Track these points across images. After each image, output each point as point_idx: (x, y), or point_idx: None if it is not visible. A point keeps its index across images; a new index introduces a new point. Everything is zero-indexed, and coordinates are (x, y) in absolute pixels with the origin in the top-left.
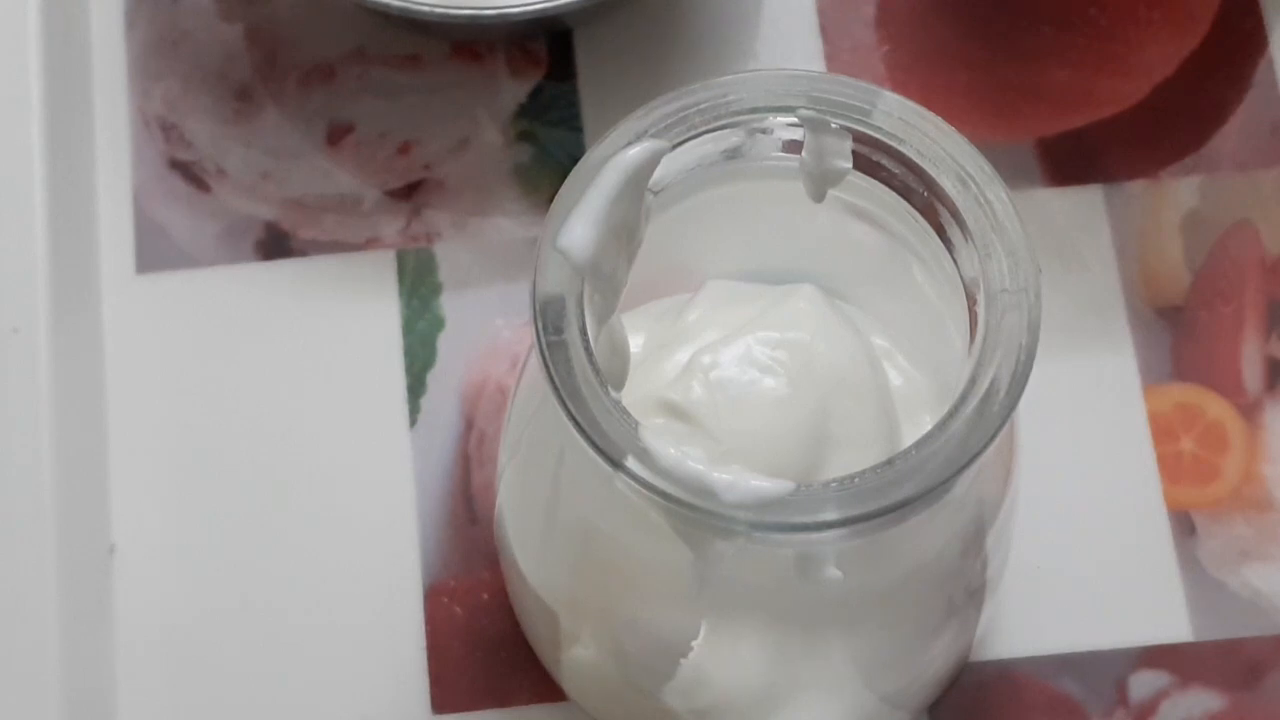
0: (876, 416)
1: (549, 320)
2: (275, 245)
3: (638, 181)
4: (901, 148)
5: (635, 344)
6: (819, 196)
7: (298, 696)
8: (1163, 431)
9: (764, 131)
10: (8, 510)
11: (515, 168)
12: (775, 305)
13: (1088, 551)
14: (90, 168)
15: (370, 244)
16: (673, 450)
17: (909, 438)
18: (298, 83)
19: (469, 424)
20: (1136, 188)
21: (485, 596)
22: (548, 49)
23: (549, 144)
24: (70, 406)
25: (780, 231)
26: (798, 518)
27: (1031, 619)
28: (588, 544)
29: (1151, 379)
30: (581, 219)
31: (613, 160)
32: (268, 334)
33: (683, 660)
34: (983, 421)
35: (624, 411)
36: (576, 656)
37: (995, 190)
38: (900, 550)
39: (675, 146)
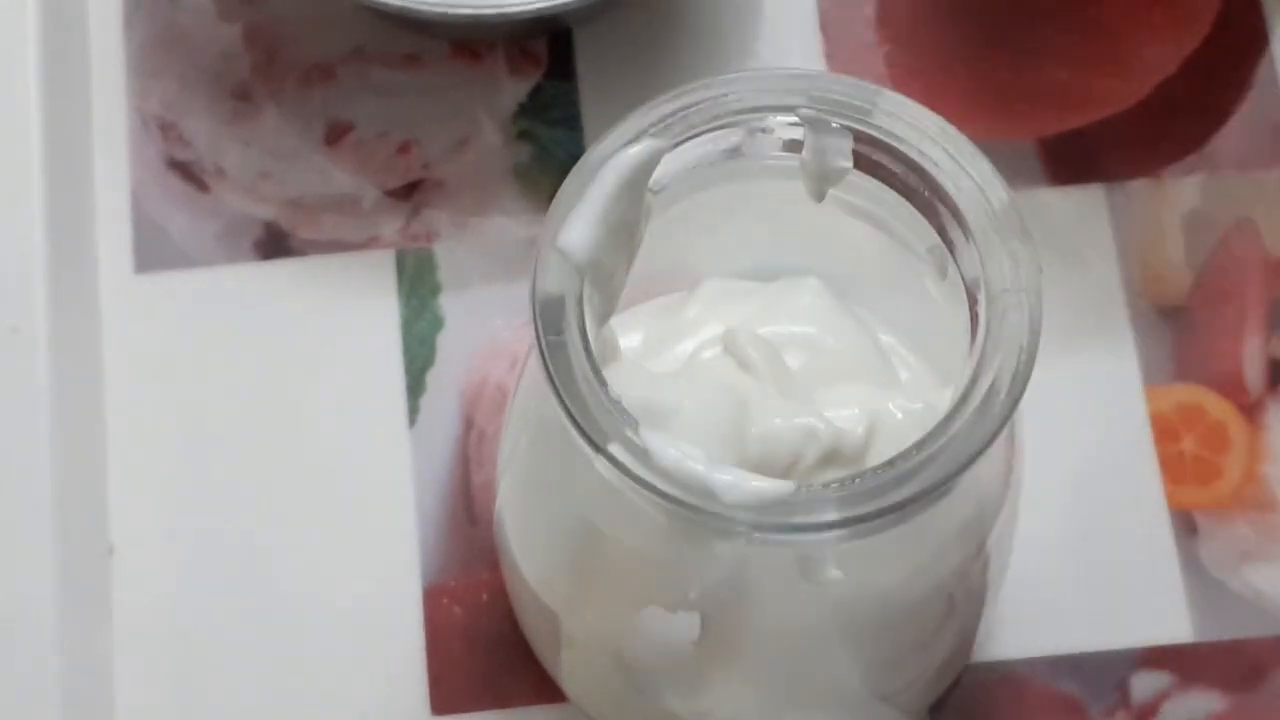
0: None
1: (549, 320)
2: (274, 245)
3: (638, 181)
4: (902, 147)
5: (633, 340)
6: (819, 196)
7: (297, 696)
8: (1164, 431)
9: (764, 131)
10: (8, 510)
11: (515, 167)
12: (780, 299)
13: (1089, 552)
14: (89, 167)
15: (370, 244)
16: (673, 450)
17: None
18: (297, 82)
19: (469, 424)
20: (1138, 187)
21: (485, 596)
22: (548, 49)
23: (549, 144)
24: (69, 406)
25: (780, 231)
26: (798, 518)
27: (1032, 619)
28: (588, 544)
29: (1153, 379)
30: (581, 219)
31: (613, 160)
32: (267, 334)
33: (683, 660)
34: (983, 421)
35: (624, 411)
36: (576, 656)
37: (996, 190)
38: (900, 550)
39: (675, 146)
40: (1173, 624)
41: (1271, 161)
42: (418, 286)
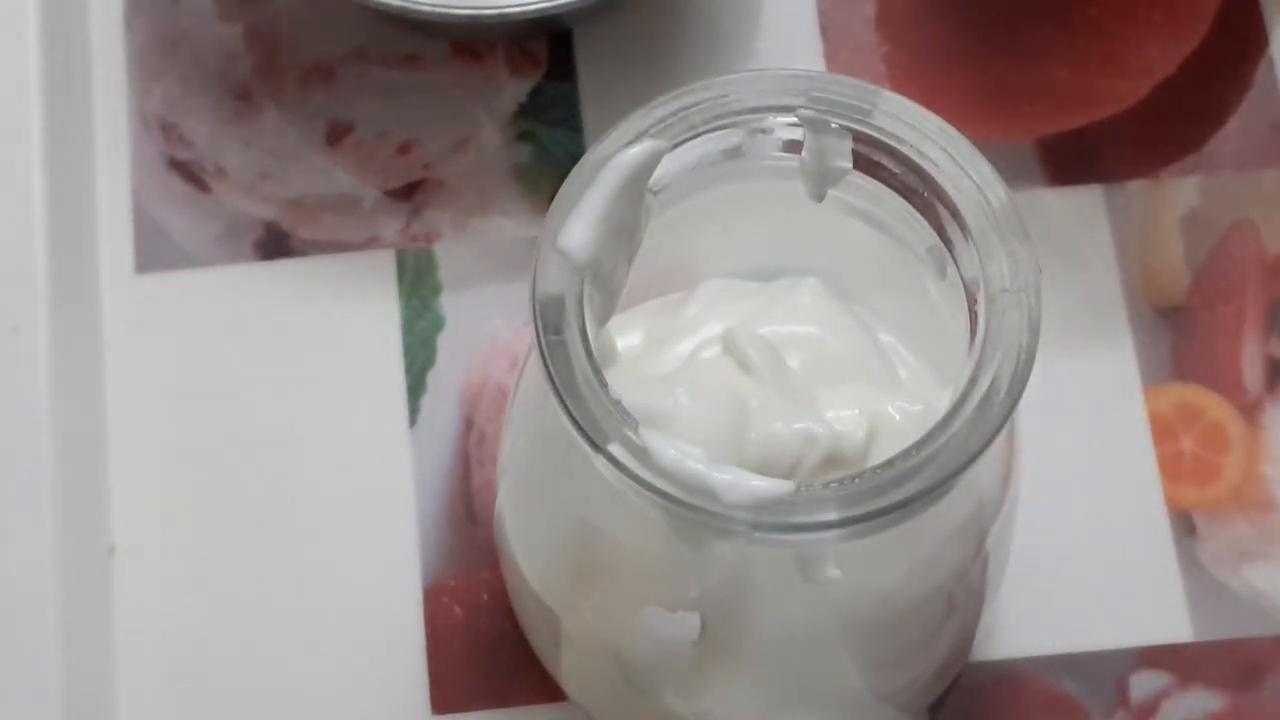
0: None
1: (549, 320)
2: (275, 245)
3: (638, 181)
4: (902, 148)
5: (633, 340)
6: (819, 196)
7: (297, 697)
8: (1163, 431)
9: (764, 131)
10: (8, 510)
11: (515, 168)
12: (780, 299)
13: (1088, 551)
14: (90, 167)
15: (370, 244)
16: (672, 450)
17: None
18: (297, 82)
19: (469, 424)
20: (1137, 187)
21: (485, 596)
22: (548, 49)
23: (549, 144)
24: (70, 406)
25: (780, 232)
26: (798, 518)
27: (1032, 619)
28: (588, 544)
29: (1152, 379)
30: (581, 219)
31: (613, 160)
32: (268, 334)
33: (683, 660)
34: (983, 421)
35: (624, 411)
36: (576, 656)
37: (995, 190)
38: (900, 550)
39: (675, 146)
40: (1172, 623)
41: (1270, 162)
42: (418, 286)
